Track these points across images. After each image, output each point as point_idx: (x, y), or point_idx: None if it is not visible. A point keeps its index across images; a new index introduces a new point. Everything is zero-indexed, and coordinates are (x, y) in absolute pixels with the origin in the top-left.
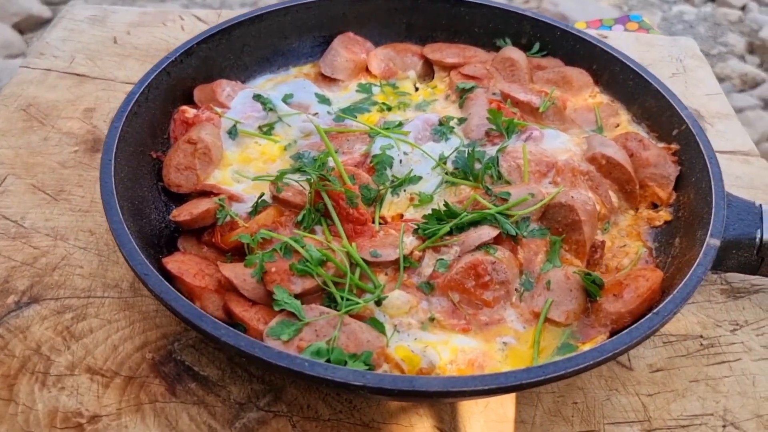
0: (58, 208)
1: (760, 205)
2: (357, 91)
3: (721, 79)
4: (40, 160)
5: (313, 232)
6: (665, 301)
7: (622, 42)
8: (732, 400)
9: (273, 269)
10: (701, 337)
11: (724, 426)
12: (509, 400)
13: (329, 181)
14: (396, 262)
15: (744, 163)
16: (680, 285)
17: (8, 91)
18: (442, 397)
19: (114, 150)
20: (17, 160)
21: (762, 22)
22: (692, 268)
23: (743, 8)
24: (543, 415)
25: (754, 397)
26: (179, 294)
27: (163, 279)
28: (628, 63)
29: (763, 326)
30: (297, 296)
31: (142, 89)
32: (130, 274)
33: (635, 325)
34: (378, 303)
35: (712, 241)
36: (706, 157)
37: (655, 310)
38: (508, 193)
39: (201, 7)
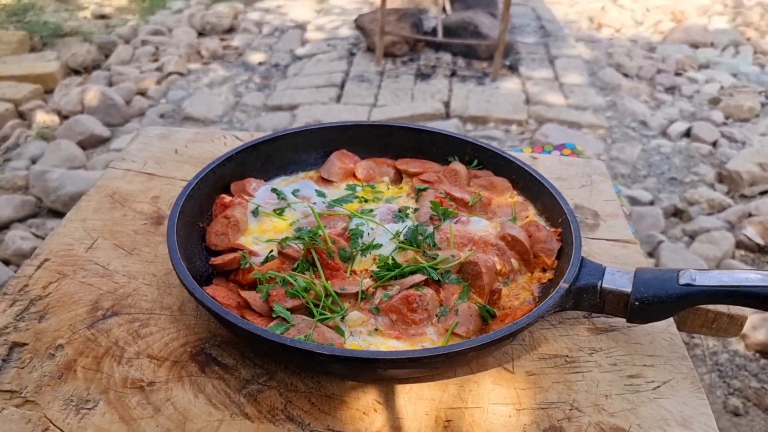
0: (131, 259)
1: (605, 266)
2: (345, 189)
3: (690, 203)
4: (120, 229)
5: (303, 274)
6: (522, 317)
7: (547, 162)
8: (580, 395)
9: (274, 293)
10: (566, 356)
11: (570, 409)
12: (426, 386)
13: (317, 242)
14: (356, 294)
15: (623, 248)
16: (534, 310)
17: (100, 183)
18: (367, 363)
19: (176, 219)
20: (105, 229)
21: (730, 155)
22: (545, 301)
23: (714, 144)
24: (448, 397)
25: (596, 393)
26: (214, 301)
27: (203, 293)
28: (534, 175)
29: (612, 352)
30: (288, 310)
31: (195, 182)
32: (178, 301)
33: (499, 329)
34: (342, 318)
35: (563, 285)
36: (573, 237)
37: (515, 321)
38: (437, 255)
39: (238, 129)
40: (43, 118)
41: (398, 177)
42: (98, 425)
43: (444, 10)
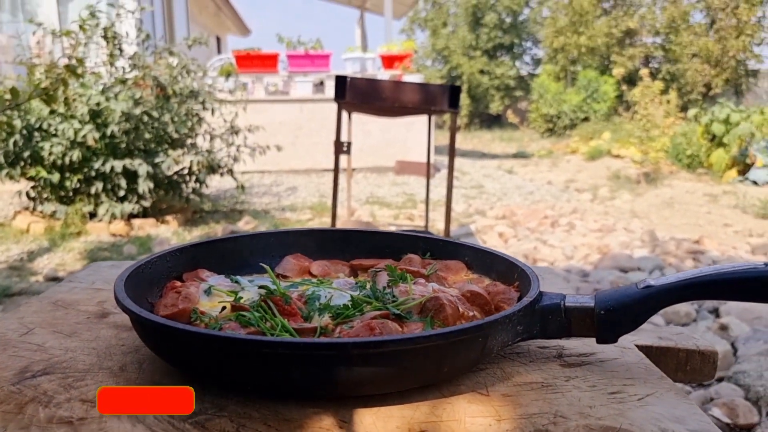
0: (70, 339)
1: (565, 294)
2: (301, 282)
3: None
4: (60, 321)
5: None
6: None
7: None
8: (563, 407)
9: (226, 326)
10: (542, 383)
11: (555, 416)
12: (395, 407)
13: (273, 294)
14: (314, 329)
15: None
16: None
17: (42, 295)
18: (331, 350)
19: (124, 278)
20: (44, 322)
21: None
22: (512, 307)
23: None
24: (420, 414)
25: (579, 405)
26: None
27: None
28: (486, 250)
29: (589, 378)
30: None
31: (149, 259)
32: (119, 363)
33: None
34: None
35: (526, 299)
36: (531, 278)
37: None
38: (397, 298)
39: None
40: None
41: (354, 274)
42: None
43: None
